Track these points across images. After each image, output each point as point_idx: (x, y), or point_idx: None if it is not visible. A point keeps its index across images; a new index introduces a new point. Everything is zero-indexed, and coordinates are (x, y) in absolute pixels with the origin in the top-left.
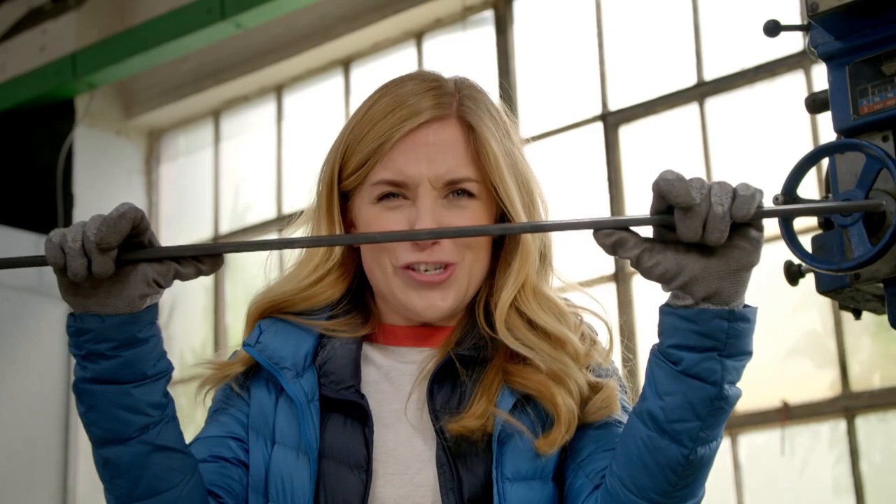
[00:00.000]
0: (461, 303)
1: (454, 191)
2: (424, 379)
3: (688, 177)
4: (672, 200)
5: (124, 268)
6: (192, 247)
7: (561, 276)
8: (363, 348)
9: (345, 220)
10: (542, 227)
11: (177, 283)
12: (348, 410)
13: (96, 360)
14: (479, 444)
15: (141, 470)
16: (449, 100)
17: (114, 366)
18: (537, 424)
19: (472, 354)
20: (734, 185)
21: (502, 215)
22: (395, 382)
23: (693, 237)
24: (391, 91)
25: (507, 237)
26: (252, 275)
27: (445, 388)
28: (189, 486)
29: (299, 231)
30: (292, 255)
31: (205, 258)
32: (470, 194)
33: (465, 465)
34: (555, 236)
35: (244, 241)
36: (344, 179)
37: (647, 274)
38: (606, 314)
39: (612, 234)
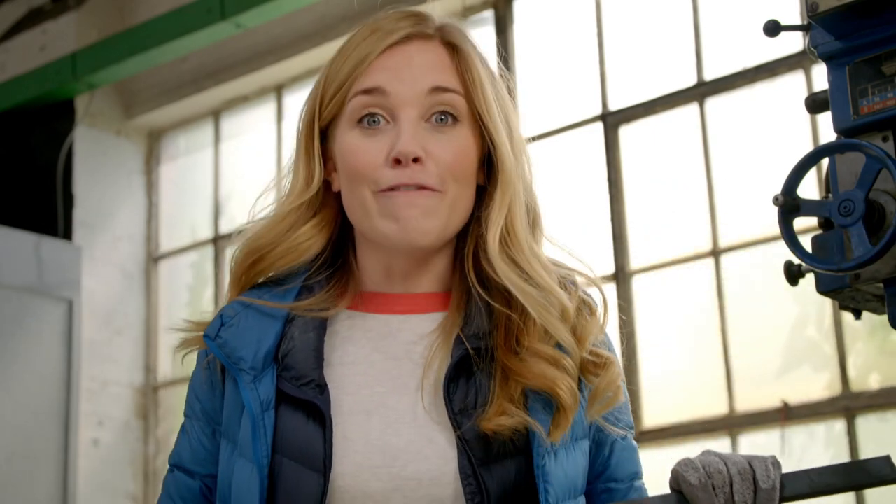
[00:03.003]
0: (439, 234)
1: (438, 113)
2: (430, 368)
3: (702, 459)
4: None
5: None
6: None
7: (552, 240)
8: (341, 322)
9: (326, 163)
10: None
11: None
12: (309, 407)
13: None
14: (506, 444)
15: None
16: (430, 23)
17: None
18: (542, 410)
19: (481, 346)
20: (752, 469)
21: (486, 154)
22: (383, 362)
23: None
24: (369, 22)
25: (491, 181)
26: None
27: (460, 386)
28: None
29: (287, 178)
30: None
31: None
32: (454, 118)
33: (489, 474)
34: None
35: None
36: (323, 111)
37: None
38: (597, 277)
39: None
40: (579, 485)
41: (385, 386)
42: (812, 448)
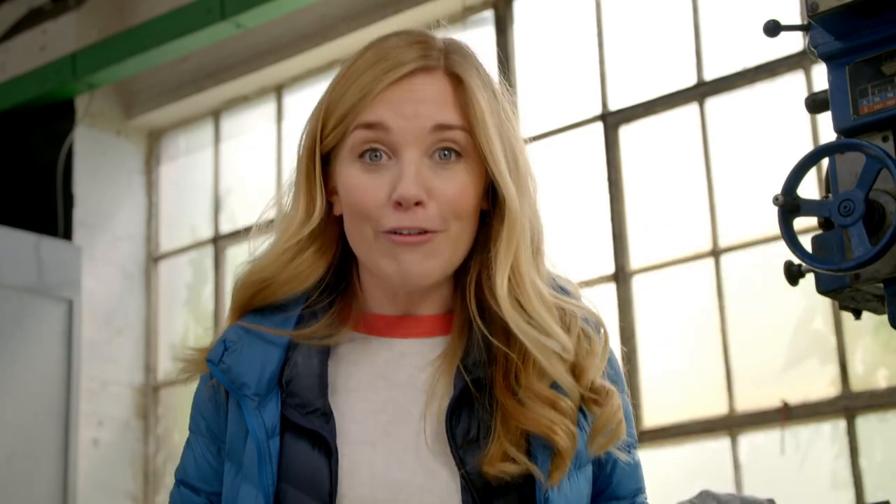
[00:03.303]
0: (442, 272)
1: (441, 149)
2: (434, 397)
3: (697, 496)
4: None
5: None
6: None
7: (555, 266)
8: (349, 343)
9: (326, 187)
10: None
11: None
12: (314, 434)
13: None
14: (511, 484)
15: None
16: (436, 53)
17: None
18: (548, 453)
19: (481, 375)
20: None
21: (489, 184)
22: (388, 390)
23: None
24: (374, 46)
25: (496, 210)
26: None
27: (462, 419)
28: None
29: (288, 199)
30: None
31: None
32: (457, 154)
33: None
34: (552, 235)
35: None
36: (325, 138)
37: None
38: (597, 312)
39: None
40: None
41: (389, 414)
42: (812, 448)
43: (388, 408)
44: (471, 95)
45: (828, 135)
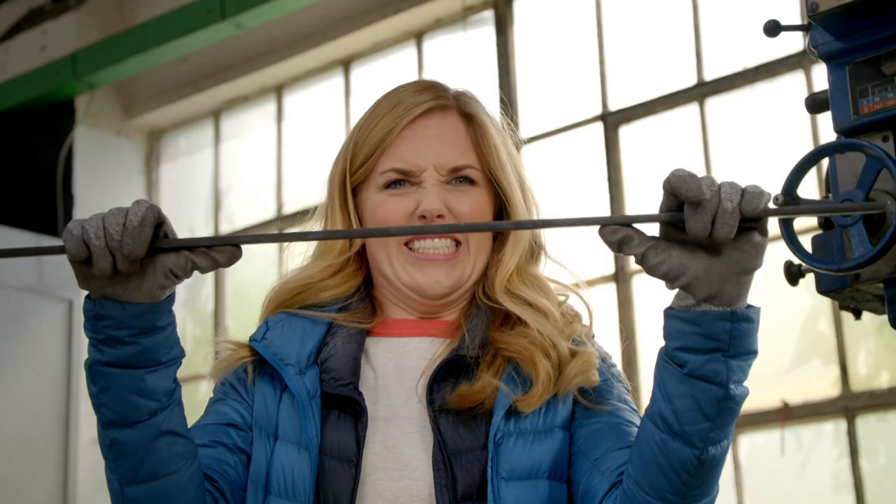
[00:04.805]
0: (463, 283)
1: (456, 178)
2: (425, 375)
3: (698, 175)
4: (683, 195)
5: (144, 261)
6: (209, 238)
7: (552, 258)
8: (368, 343)
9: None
10: (551, 223)
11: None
12: (344, 406)
13: (114, 345)
14: (477, 428)
15: (146, 453)
16: (448, 95)
17: (132, 352)
18: (519, 386)
19: (478, 354)
20: (743, 185)
21: (499, 207)
22: (399, 377)
23: (702, 232)
24: (392, 93)
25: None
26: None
27: (446, 385)
28: (189, 473)
29: (315, 226)
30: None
31: (222, 250)
32: (471, 182)
33: (459, 463)
34: (553, 236)
35: (261, 234)
36: (353, 174)
37: (651, 272)
38: (588, 294)
39: (617, 230)
40: (544, 467)
41: (401, 398)
42: (813, 448)
43: (393, 393)
44: (484, 132)
45: (828, 135)
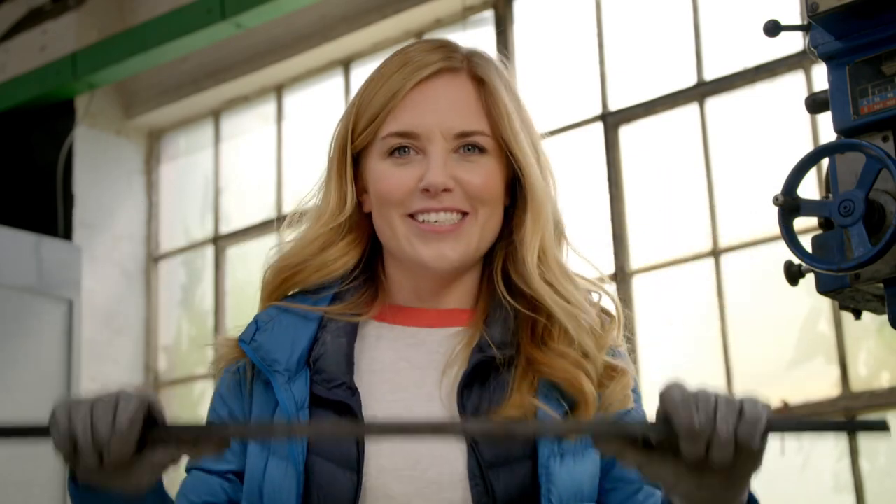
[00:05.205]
0: (470, 257)
1: (465, 145)
2: (447, 375)
3: (694, 387)
4: (675, 425)
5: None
6: (199, 429)
7: (575, 249)
8: (369, 329)
9: (357, 183)
10: (543, 430)
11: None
12: (340, 409)
13: None
14: (514, 449)
15: None
16: (459, 56)
17: None
18: (559, 402)
19: (505, 354)
20: (741, 401)
21: (512, 179)
22: (409, 372)
23: (697, 458)
24: (400, 52)
25: (519, 202)
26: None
27: (474, 392)
28: None
29: (311, 199)
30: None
31: (209, 445)
32: (481, 150)
33: (497, 477)
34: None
35: (253, 426)
36: (355, 139)
37: (645, 480)
38: (614, 294)
39: (609, 446)
40: (585, 490)
41: (409, 393)
42: (813, 448)
43: (409, 387)
44: (496, 97)
45: (828, 135)
